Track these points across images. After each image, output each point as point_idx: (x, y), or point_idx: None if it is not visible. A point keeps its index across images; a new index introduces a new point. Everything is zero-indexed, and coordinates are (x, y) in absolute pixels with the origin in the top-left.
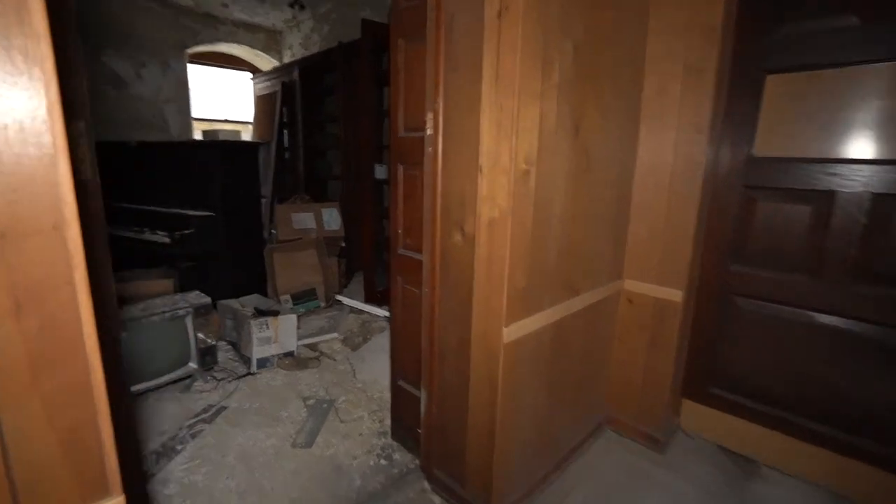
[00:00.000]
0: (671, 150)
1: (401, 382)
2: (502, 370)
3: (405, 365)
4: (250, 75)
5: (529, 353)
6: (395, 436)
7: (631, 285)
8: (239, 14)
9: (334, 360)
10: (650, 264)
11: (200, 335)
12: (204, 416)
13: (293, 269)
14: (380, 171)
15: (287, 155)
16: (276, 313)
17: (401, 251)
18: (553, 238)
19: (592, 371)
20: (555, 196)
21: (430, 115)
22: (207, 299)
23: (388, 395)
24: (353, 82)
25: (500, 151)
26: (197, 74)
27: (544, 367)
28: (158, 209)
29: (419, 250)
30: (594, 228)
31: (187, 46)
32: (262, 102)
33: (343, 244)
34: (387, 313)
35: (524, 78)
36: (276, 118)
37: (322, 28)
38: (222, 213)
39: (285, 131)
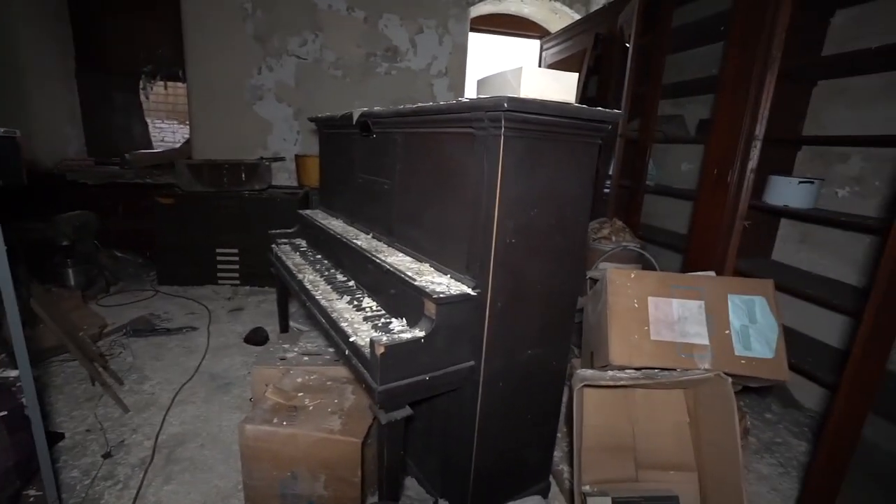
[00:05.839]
0: None
1: None
2: None
3: None
4: (539, 42)
5: None
6: None
7: None
8: None
9: None
10: None
11: None
12: None
13: (637, 426)
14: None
15: None
16: None
17: None
18: None
19: None
20: None
21: None
22: None
23: None
24: None
25: None
26: (475, 45)
27: None
28: (374, 255)
29: None
30: None
31: (472, 2)
32: None
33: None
34: None
35: None
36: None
37: None
38: (497, 295)
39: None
